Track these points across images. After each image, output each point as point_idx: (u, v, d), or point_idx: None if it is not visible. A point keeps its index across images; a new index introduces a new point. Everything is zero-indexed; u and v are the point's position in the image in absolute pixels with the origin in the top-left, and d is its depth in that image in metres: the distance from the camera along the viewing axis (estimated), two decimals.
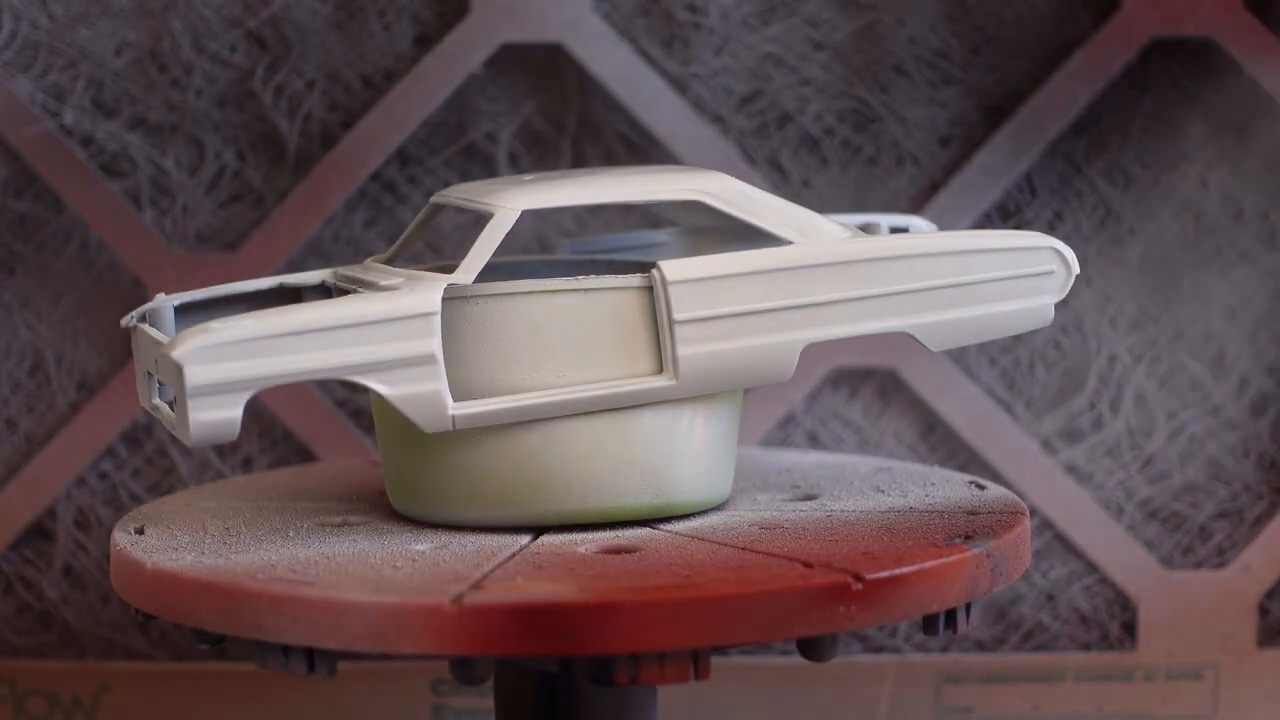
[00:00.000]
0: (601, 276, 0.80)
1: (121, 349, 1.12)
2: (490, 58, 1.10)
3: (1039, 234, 0.82)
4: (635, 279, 0.79)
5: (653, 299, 0.79)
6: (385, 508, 0.86)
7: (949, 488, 0.89)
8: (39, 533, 1.13)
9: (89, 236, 1.12)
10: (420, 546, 0.78)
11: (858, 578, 0.73)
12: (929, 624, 0.77)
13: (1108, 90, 1.11)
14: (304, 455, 1.12)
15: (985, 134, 1.11)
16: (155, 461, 1.13)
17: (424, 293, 0.77)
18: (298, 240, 1.10)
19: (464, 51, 1.09)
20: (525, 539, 0.79)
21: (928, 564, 0.75)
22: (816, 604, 0.72)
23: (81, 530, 1.13)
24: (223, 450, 1.13)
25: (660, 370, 0.80)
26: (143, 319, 0.83)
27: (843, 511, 0.84)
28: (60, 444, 1.12)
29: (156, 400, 0.81)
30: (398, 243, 0.87)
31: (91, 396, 1.12)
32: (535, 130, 1.12)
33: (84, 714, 1.13)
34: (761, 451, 1.00)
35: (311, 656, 0.73)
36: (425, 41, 1.10)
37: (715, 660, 0.77)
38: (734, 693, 1.13)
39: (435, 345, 0.76)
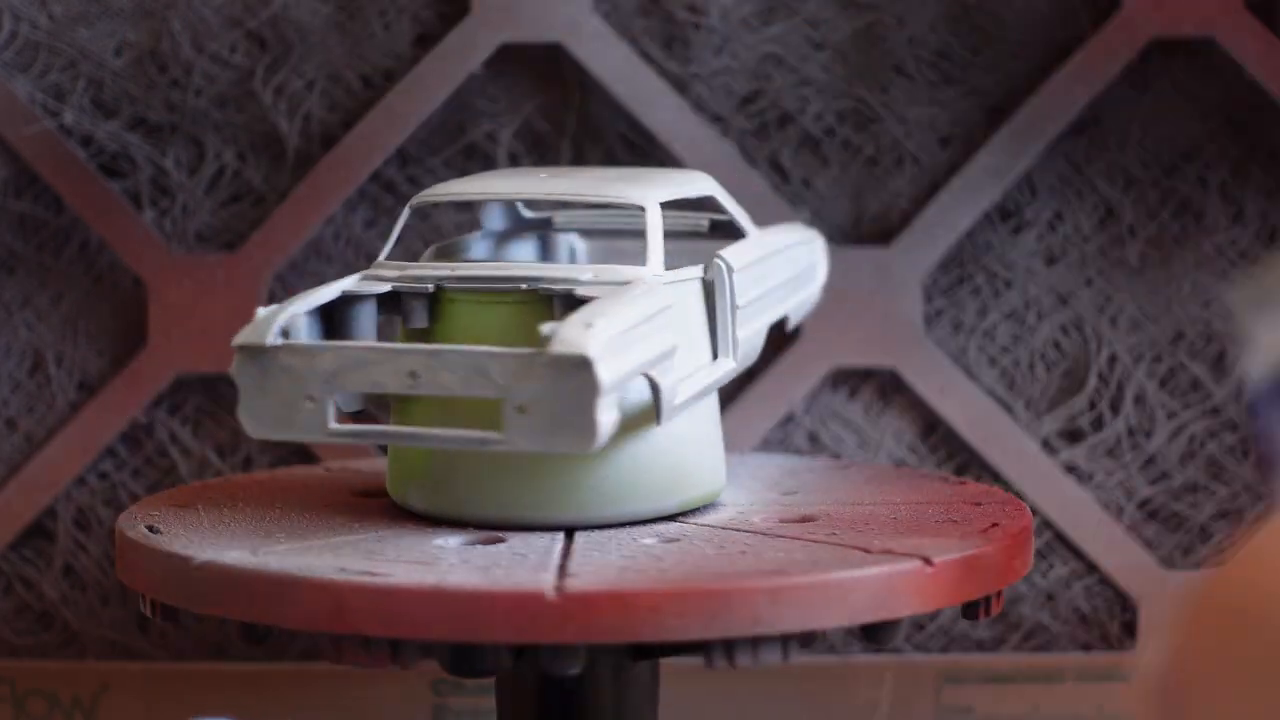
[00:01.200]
0: (688, 268, 0.81)
1: (122, 349, 1.12)
2: (490, 58, 1.10)
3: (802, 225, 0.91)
4: (698, 270, 0.81)
5: (706, 287, 0.80)
6: (387, 510, 0.85)
7: (927, 482, 0.90)
8: (39, 533, 1.13)
9: (89, 236, 1.12)
10: (462, 541, 0.78)
11: (927, 561, 0.74)
12: (970, 609, 0.78)
13: (1108, 90, 1.11)
14: (304, 455, 1.12)
15: (985, 134, 1.11)
16: (155, 461, 1.13)
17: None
18: (298, 240, 1.10)
19: (464, 51, 1.09)
20: (562, 536, 0.79)
21: (986, 547, 0.76)
22: (894, 588, 0.73)
23: (81, 530, 1.13)
24: (222, 450, 1.13)
25: (715, 356, 0.81)
26: (284, 334, 0.75)
27: (858, 504, 0.85)
28: (60, 444, 1.11)
29: (334, 425, 0.72)
30: (390, 243, 0.86)
31: (91, 396, 1.12)
32: (535, 130, 1.12)
33: (84, 714, 1.13)
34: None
35: (396, 648, 0.72)
36: (425, 41, 1.10)
37: None
38: (734, 693, 1.13)
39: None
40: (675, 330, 0.76)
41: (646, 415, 0.76)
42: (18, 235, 1.12)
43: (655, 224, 0.80)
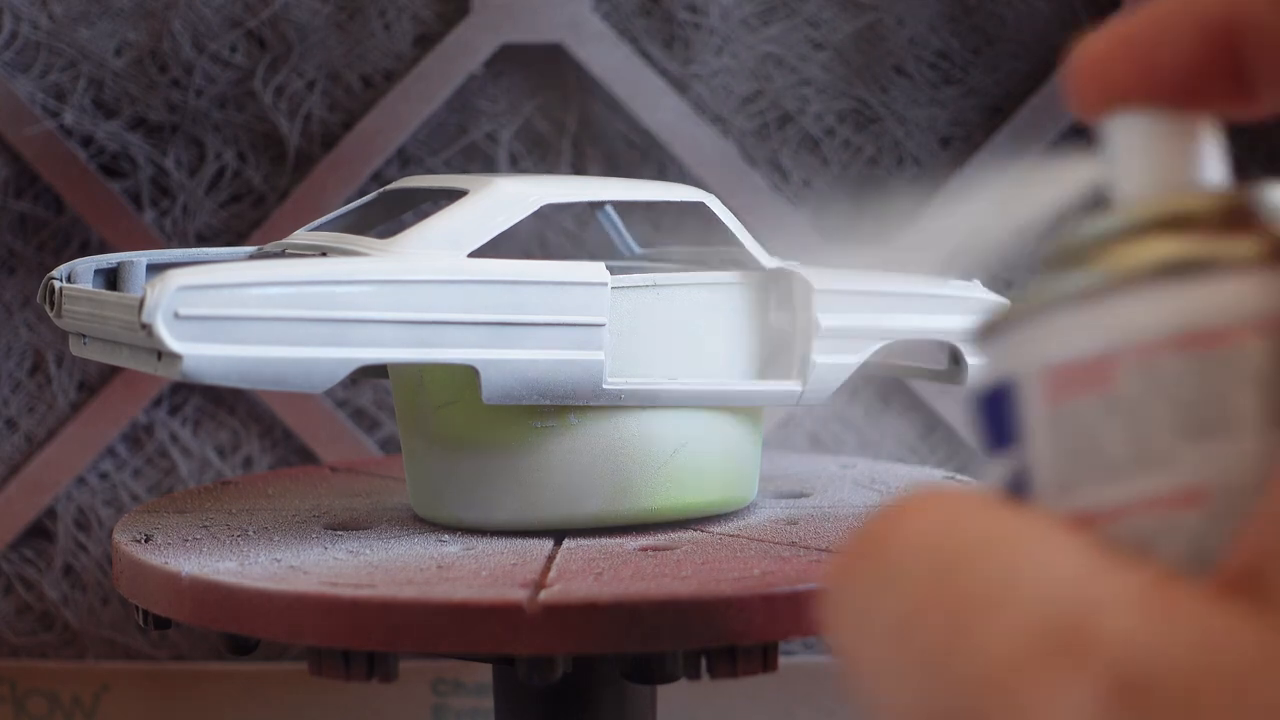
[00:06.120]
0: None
1: None
2: (490, 58, 1.10)
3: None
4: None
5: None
6: (388, 511, 0.85)
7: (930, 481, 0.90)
8: (39, 533, 1.13)
9: (89, 236, 1.12)
10: (452, 549, 0.77)
11: None
12: None
13: None
14: (304, 455, 1.12)
15: (985, 134, 1.11)
16: (155, 461, 1.13)
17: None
18: None
19: (464, 51, 1.09)
20: (551, 541, 0.79)
21: None
22: None
23: (81, 530, 1.13)
24: (222, 451, 1.13)
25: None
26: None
27: (848, 506, 0.85)
28: (60, 444, 1.12)
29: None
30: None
31: (91, 396, 1.12)
32: (535, 130, 1.12)
33: (84, 714, 1.13)
34: None
35: (371, 660, 0.72)
36: (425, 41, 1.10)
37: None
38: (733, 693, 1.13)
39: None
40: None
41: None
42: (18, 235, 1.12)
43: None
